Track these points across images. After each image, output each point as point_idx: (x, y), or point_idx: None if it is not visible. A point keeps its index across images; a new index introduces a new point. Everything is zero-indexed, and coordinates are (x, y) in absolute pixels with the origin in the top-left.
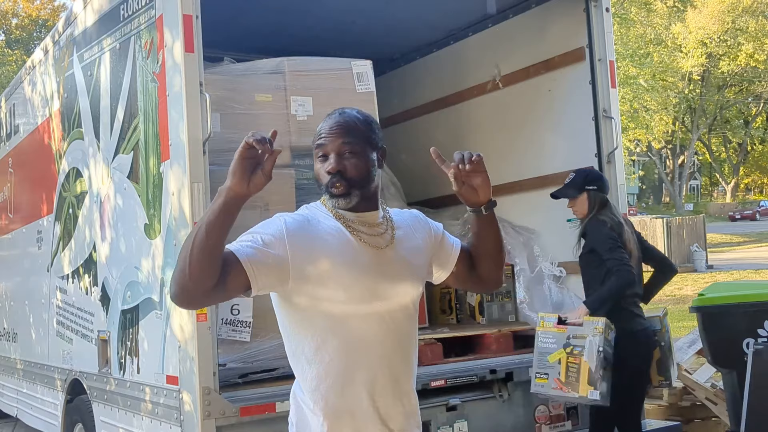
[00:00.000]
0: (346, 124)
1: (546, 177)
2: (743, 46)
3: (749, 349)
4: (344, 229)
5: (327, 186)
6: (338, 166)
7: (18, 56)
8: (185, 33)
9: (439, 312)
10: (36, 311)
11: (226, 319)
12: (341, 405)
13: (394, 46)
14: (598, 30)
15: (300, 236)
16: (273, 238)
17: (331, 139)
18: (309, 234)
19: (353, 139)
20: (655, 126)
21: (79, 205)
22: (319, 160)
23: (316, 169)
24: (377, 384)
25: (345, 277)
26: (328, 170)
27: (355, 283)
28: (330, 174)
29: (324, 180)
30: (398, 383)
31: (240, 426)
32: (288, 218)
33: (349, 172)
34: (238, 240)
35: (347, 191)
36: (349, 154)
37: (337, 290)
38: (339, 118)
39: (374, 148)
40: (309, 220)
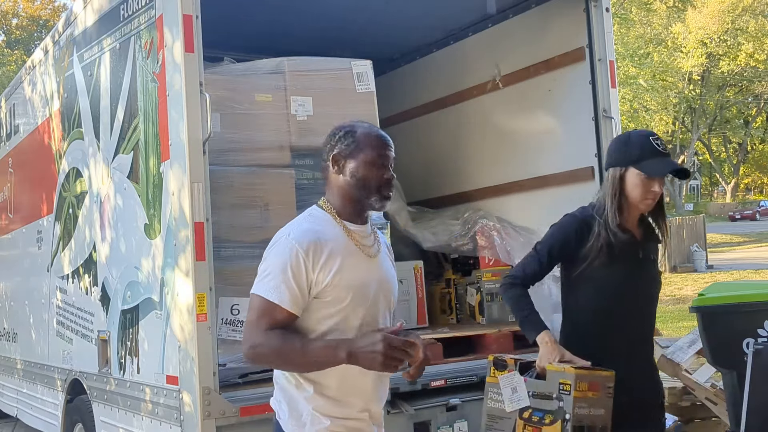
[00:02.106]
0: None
1: (546, 177)
2: (743, 46)
3: (749, 349)
4: (347, 237)
5: (380, 188)
6: (393, 176)
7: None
8: (185, 33)
9: (439, 312)
10: (36, 311)
11: (226, 319)
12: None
13: (394, 46)
14: (598, 30)
15: (313, 255)
16: (296, 273)
17: (391, 151)
18: (320, 247)
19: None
20: (655, 126)
21: (79, 205)
22: (375, 166)
23: (367, 173)
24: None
25: (350, 277)
26: (388, 178)
27: (358, 282)
28: (388, 180)
29: (378, 183)
30: None
31: (240, 426)
32: (300, 244)
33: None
34: (263, 282)
35: (391, 198)
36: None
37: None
38: (382, 132)
39: None
40: (317, 234)
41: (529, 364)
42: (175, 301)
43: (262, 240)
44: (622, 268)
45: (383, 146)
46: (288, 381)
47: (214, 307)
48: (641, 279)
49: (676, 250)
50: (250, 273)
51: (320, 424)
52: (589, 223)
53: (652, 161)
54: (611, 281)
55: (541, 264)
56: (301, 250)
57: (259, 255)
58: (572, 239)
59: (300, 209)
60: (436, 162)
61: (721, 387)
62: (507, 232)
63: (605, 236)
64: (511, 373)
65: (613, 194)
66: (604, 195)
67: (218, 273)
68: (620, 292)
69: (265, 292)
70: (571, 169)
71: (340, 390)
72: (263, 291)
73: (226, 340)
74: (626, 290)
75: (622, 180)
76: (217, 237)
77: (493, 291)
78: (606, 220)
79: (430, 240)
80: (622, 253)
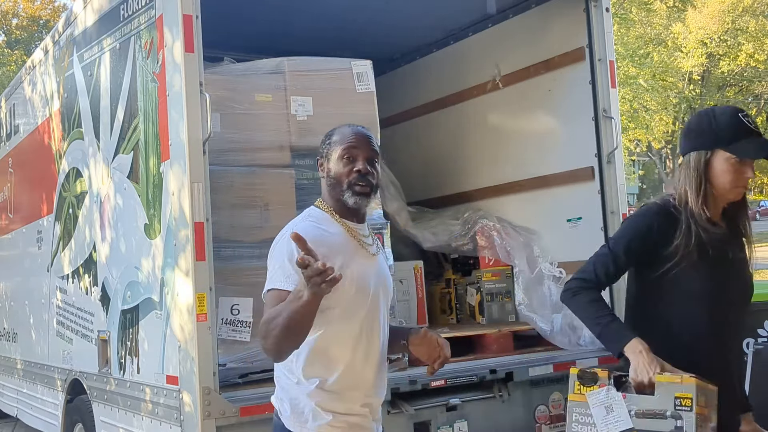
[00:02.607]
0: (370, 137)
1: (546, 177)
2: (743, 46)
3: (749, 349)
4: (347, 233)
5: (351, 183)
6: (367, 169)
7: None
8: (185, 33)
9: (439, 312)
10: (36, 311)
11: (226, 319)
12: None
13: (394, 46)
14: (598, 30)
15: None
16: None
17: (363, 146)
18: (320, 243)
19: (375, 153)
20: (655, 126)
21: (79, 205)
22: (344, 161)
23: (337, 169)
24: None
25: (354, 271)
26: (359, 169)
27: (361, 276)
28: (359, 173)
29: (348, 178)
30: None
31: (240, 426)
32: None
33: (374, 177)
34: (274, 278)
35: (369, 192)
36: (374, 162)
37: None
38: (364, 130)
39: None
40: (317, 231)
41: (621, 377)
42: (175, 301)
43: (262, 240)
44: (712, 268)
45: (353, 141)
46: (289, 378)
47: (214, 307)
48: (733, 281)
49: None
50: (250, 273)
51: (322, 419)
52: (673, 216)
53: (745, 142)
54: (701, 284)
55: (617, 263)
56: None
57: (259, 255)
58: (654, 233)
59: (300, 209)
60: (436, 162)
61: None
62: (507, 232)
63: (696, 231)
64: (604, 389)
65: (697, 183)
66: (684, 184)
67: (218, 273)
68: (712, 296)
69: (275, 284)
70: (571, 169)
71: (341, 383)
72: (272, 284)
73: (226, 340)
74: (718, 294)
75: (708, 166)
76: (217, 237)
77: (493, 291)
78: (692, 214)
79: (430, 240)
80: (712, 252)
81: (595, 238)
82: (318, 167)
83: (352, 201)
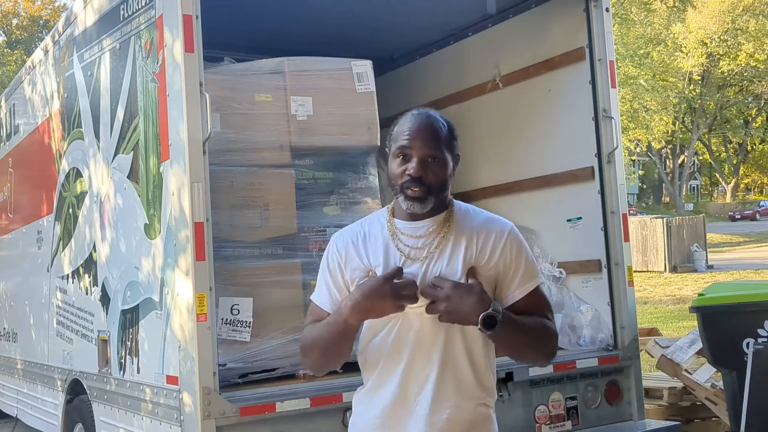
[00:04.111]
0: (433, 130)
1: (546, 177)
2: (743, 46)
3: (749, 349)
4: (390, 241)
5: (402, 186)
6: (421, 173)
7: (18, 56)
8: (185, 33)
9: None
10: (36, 311)
11: (226, 319)
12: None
13: (394, 46)
14: (598, 30)
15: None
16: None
17: (418, 144)
18: (353, 254)
19: (439, 147)
20: (655, 126)
21: (79, 205)
22: (398, 160)
23: (392, 168)
24: None
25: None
26: (410, 173)
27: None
28: (410, 177)
29: (400, 180)
30: None
31: (240, 426)
32: (336, 243)
33: (430, 179)
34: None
35: (424, 196)
36: (432, 160)
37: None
38: (426, 120)
39: (453, 157)
40: (357, 234)
41: None
42: (175, 301)
43: (262, 240)
44: None
45: (407, 137)
46: None
47: (214, 307)
48: None
49: (676, 250)
50: (250, 273)
51: (360, 416)
52: None
53: None
54: None
55: None
56: (335, 249)
57: (259, 255)
58: None
59: (300, 209)
60: None
61: (721, 387)
62: None
63: None
64: None
65: None
66: None
67: (218, 273)
68: None
69: (313, 295)
70: (571, 169)
71: (375, 382)
72: (313, 295)
73: (226, 340)
74: None
75: None
76: (217, 237)
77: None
78: None
79: None
80: None
81: (595, 238)
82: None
83: (405, 206)
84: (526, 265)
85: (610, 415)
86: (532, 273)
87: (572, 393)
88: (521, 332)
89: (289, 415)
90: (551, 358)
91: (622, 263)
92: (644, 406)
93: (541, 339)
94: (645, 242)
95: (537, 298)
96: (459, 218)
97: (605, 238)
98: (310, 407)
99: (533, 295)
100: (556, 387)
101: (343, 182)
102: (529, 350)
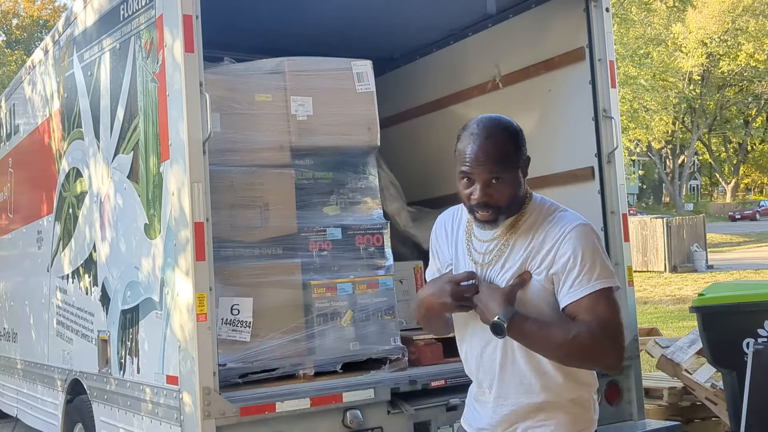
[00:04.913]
0: (493, 149)
1: (546, 177)
2: (743, 46)
3: (749, 349)
4: (464, 240)
5: (471, 208)
6: (485, 198)
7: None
8: (185, 33)
9: None
10: (36, 311)
11: (226, 319)
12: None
13: (394, 46)
14: (598, 30)
15: (437, 242)
16: (433, 255)
17: (479, 169)
18: (444, 239)
19: (501, 166)
20: (655, 126)
21: (79, 205)
22: (463, 181)
23: (459, 187)
24: None
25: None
26: (476, 199)
27: None
28: (477, 203)
29: (468, 201)
30: None
31: (240, 426)
32: (437, 223)
33: (496, 200)
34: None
35: (494, 218)
36: (496, 181)
37: None
38: (485, 139)
39: (522, 163)
40: (454, 223)
41: None
42: (175, 301)
43: (262, 240)
44: None
45: (468, 161)
46: None
47: (214, 307)
48: None
49: (676, 250)
50: (250, 273)
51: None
52: None
53: None
54: None
55: None
56: (434, 230)
57: (259, 255)
58: None
59: (300, 209)
60: (436, 162)
61: (721, 387)
62: None
63: None
64: None
65: None
66: None
67: (218, 273)
68: None
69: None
70: (571, 169)
71: (467, 370)
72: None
73: (226, 340)
74: None
75: None
76: (217, 237)
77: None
78: None
79: None
80: None
81: None
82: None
83: (477, 226)
84: (582, 269)
85: (610, 415)
86: (589, 277)
87: None
88: (531, 340)
89: (289, 415)
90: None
91: (622, 263)
92: (644, 406)
93: (549, 346)
94: (645, 242)
95: (589, 305)
96: (528, 219)
97: (605, 238)
98: (310, 407)
99: (582, 302)
100: None
101: (343, 182)
102: (548, 355)
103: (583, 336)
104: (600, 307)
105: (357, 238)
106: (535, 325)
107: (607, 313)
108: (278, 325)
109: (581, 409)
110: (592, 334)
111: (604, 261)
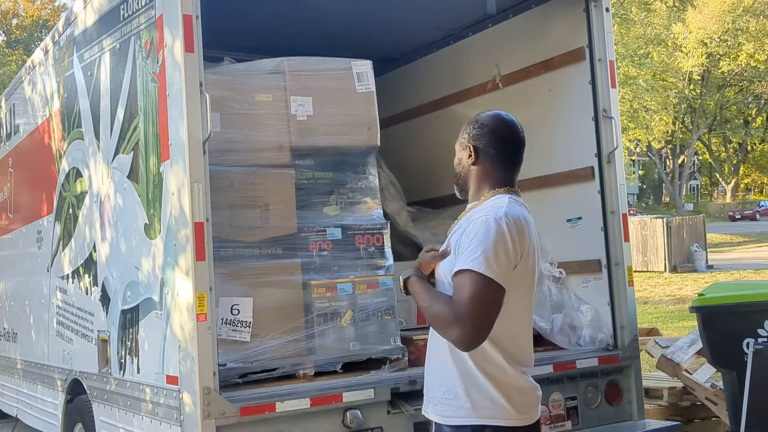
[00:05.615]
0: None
1: (546, 177)
2: (743, 46)
3: (749, 349)
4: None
5: None
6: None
7: (18, 56)
8: (185, 33)
9: None
10: (36, 311)
11: (226, 319)
12: None
13: (394, 46)
14: (598, 30)
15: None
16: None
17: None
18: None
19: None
20: (655, 126)
21: (79, 205)
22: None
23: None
24: None
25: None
26: None
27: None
28: None
29: None
30: None
31: (240, 426)
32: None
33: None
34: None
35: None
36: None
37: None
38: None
39: (464, 148)
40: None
41: None
42: (175, 301)
43: (262, 240)
44: None
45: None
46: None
47: (214, 307)
48: None
49: (676, 250)
50: (250, 273)
51: None
52: None
53: None
54: None
55: None
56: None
57: (259, 255)
58: None
59: (300, 209)
60: (436, 162)
61: (721, 387)
62: None
63: None
64: None
65: None
66: None
67: (218, 273)
68: None
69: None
70: (571, 169)
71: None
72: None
73: (226, 340)
74: None
75: None
76: (217, 237)
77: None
78: None
79: (430, 240)
80: None
81: (595, 238)
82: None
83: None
84: (466, 249)
85: (610, 415)
86: (466, 258)
87: (572, 393)
88: (416, 301)
89: (289, 415)
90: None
91: (622, 263)
92: (644, 406)
93: (421, 308)
94: (645, 242)
95: (457, 282)
96: (476, 207)
97: (605, 238)
98: (310, 407)
99: (455, 278)
100: (556, 387)
101: (343, 182)
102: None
103: (436, 307)
104: (461, 285)
105: (357, 238)
106: (418, 287)
107: (464, 291)
108: (278, 325)
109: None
110: (443, 307)
111: (487, 250)
